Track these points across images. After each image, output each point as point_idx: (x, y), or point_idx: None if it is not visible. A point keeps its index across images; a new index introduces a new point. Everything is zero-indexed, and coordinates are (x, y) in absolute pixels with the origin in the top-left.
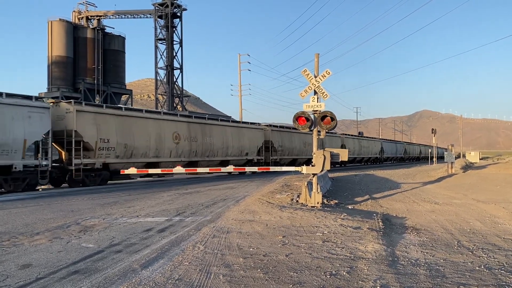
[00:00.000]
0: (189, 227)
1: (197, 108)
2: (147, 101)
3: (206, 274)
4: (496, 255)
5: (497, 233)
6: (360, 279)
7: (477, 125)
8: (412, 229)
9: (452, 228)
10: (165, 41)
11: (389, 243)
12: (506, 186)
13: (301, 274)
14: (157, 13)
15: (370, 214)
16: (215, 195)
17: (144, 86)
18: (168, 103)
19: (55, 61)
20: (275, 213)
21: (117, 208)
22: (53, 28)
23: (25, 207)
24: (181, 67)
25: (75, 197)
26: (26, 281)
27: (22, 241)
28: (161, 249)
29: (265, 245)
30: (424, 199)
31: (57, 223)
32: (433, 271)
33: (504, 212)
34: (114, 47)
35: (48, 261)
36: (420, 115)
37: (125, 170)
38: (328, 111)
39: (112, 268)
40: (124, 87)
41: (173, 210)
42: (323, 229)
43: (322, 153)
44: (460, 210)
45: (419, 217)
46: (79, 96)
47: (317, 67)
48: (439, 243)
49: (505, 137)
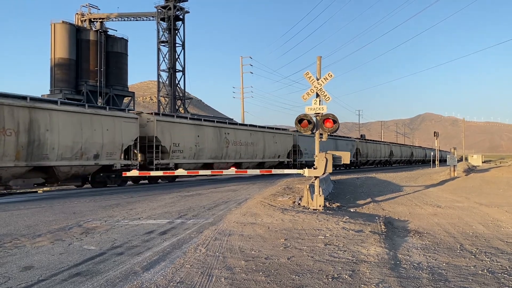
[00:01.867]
0: (191, 229)
1: (199, 110)
2: (149, 104)
3: (207, 277)
4: (499, 259)
5: (500, 237)
6: (362, 282)
7: (480, 128)
8: (415, 233)
9: (454, 232)
10: (168, 43)
11: (391, 246)
12: (509, 190)
13: (303, 277)
14: (159, 16)
15: (372, 217)
16: (217, 197)
17: (147, 88)
18: (170, 106)
19: (58, 63)
20: (277, 215)
21: (119, 210)
22: (56, 30)
23: (27, 209)
24: (183, 70)
25: (77, 199)
26: (27, 283)
27: (24, 243)
28: (162, 252)
29: (267, 248)
30: (427, 202)
31: (59, 225)
32: (435, 274)
33: (507, 216)
34: (117, 50)
35: (50, 263)
36: (422, 118)
37: (127, 173)
38: (330, 113)
39: (113, 270)
40: (127, 89)
41: (175, 213)
42: (325, 232)
43: (324, 156)
44: (463, 213)
45: (422, 220)
46: (82, 98)
47: (319, 70)
48: (441, 246)
49: (508, 140)
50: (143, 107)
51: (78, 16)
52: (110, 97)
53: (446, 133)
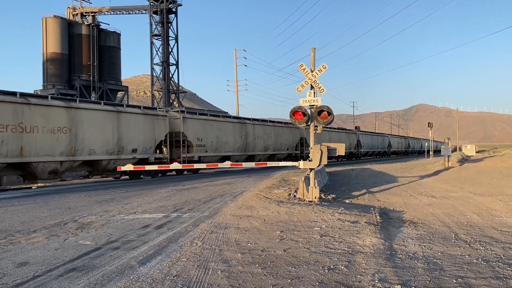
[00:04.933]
0: (186, 223)
1: (193, 104)
2: (143, 98)
3: (204, 270)
4: (494, 248)
5: (494, 226)
6: (358, 273)
7: (473, 119)
8: (410, 223)
9: (449, 221)
10: (161, 37)
11: (386, 237)
12: (503, 179)
13: (299, 269)
14: (152, 9)
15: (367, 208)
16: (213, 191)
17: (140, 82)
18: (164, 100)
19: (50, 58)
20: (273, 208)
21: (114, 205)
22: (47, 25)
23: (21, 205)
24: (177, 63)
25: (72, 195)
26: (23, 279)
27: (19, 239)
28: (158, 246)
29: (263, 240)
30: (421, 193)
31: (54, 220)
32: (431, 264)
33: (501, 205)
34: (110, 44)
35: (45, 259)
36: (416, 109)
37: (121, 167)
38: (325, 105)
39: (109, 265)
40: (120, 84)
41: (171, 207)
42: (321, 223)
43: (319, 148)
44: (457, 203)
45: (416, 210)
46: (75, 93)
47: (314, 62)
48: (436, 236)
49: (501, 130)
50: (137, 101)
51: (69, 10)
52: (104, 91)
53: (440, 124)
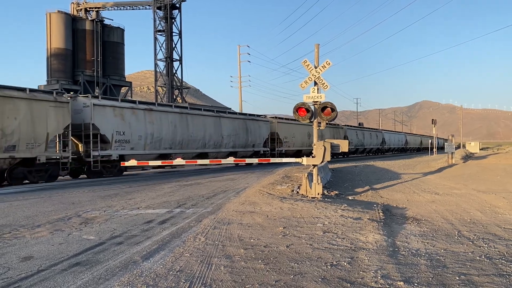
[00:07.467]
0: (190, 218)
1: (196, 100)
2: (146, 93)
3: (207, 266)
4: (497, 245)
5: (497, 223)
6: (361, 269)
7: (477, 115)
8: (413, 220)
9: (452, 218)
10: (164, 32)
11: (389, 233)
12: (506, 176)
13: (302, 265)
14: (156, 4)
15: (370, 205)
16: (216, 186)
17: (144, 78)
18: (168, 95)
19: (54, 53)
20: (276, 204)
21: (118, 200)
22: (51, 20)
23: (26, 199)
24: (180, 59)
25: (76, 189)
26: (27, 273)
27: (23, 233)
28: (162, 241)
29: (266, 236)
30: (425, 190)
31: (58, 215)
32: (433, 261)
33: (504, 202)
34: (113, 39)
35: (50, 253)
36: (420, 106)
37: (125, 163)
38: (329, 102)
39: (113, 260)
40: (124, 79)
41: (174, 202)
42: (324, 220)
43: (323, 144)
44: (461, 200)
45: (420, 207)
46: (79, 89)
47: (317, 58)
48: (439, 233)
49: (505, 127)
50: (141, 97)
51: (73, 6)
52: (107, 87)
53: (444, 121)
